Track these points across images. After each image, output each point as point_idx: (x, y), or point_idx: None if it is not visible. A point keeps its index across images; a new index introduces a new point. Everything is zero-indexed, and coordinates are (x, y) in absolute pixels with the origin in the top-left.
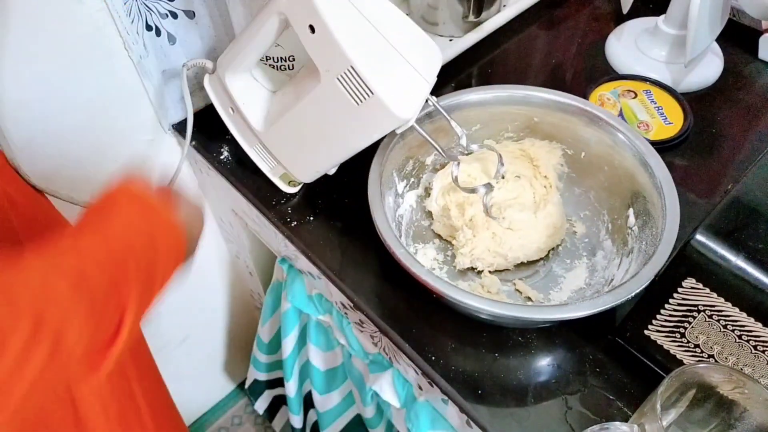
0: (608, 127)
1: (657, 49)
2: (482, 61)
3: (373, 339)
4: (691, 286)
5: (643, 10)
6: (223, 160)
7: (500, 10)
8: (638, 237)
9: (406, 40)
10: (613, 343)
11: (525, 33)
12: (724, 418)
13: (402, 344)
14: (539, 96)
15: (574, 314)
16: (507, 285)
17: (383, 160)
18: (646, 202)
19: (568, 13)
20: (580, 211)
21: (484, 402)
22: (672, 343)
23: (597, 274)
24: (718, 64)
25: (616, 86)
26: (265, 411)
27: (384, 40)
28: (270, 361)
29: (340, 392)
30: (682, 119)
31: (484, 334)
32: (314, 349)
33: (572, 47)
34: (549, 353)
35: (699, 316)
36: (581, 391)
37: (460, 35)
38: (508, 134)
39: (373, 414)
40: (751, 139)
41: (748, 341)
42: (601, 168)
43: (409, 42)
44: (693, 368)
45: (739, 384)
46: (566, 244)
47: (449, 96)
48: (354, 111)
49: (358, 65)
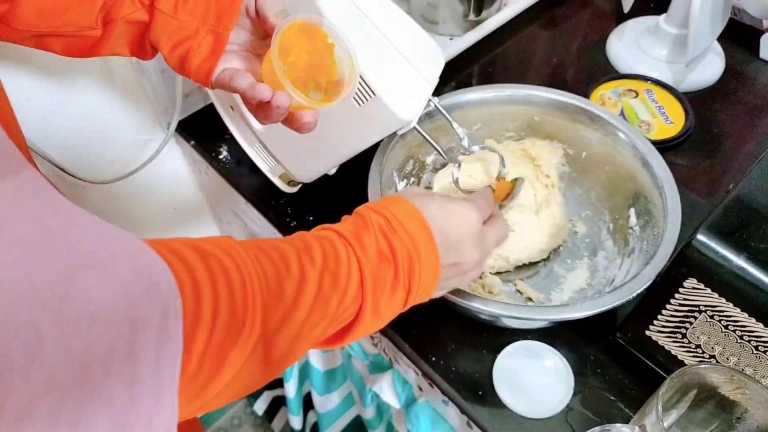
0: (609, 127)
1: (658, 49)
2: (483, 60)
3: (373, 340)
4: (693, 287)
5: (644, 9)
6: (223, 159)
7: (501, 9)
8: (639, 237)
9: (408, 41)
10: (614, 343)
11: (526, 32)
12: (726, 419)
13: (402, 345)
14: (540, 95)
15: (575, 315)
16: (508, 285)
17: (383, 160)
18: (647, 202)
19: (569, 12)
20: (581, 211)
21: (484, 403)
22: (673, 343)
23: (598, 275)
24: (719, 63)
25: (617, 85)
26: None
27: (386, 40)
28: None
29: (339, 393)
30: (683, 119)
31: (484, 335)
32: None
33: (573, 46)
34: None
35: (700, 317)
36: (582, 392)
37: (461, 34)
38: (509, 134)
39: (373, 415)
40: (753, 139)
41: (750, 342)
42: (603, 168)
43: (411, 43)
44: (694, 369)
45: (741, 385)
46: (567, 245)
47: (450, 95)
48: (355, 112)
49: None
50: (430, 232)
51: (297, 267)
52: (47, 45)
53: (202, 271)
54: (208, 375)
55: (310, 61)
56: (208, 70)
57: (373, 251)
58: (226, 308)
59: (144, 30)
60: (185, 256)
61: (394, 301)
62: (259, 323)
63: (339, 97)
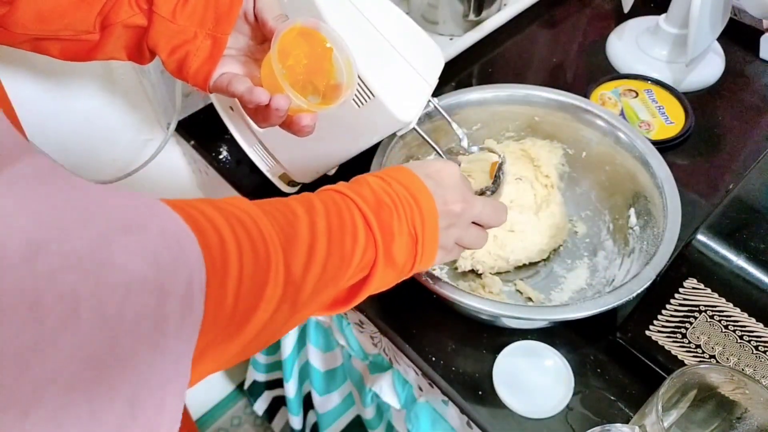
0: (609, 127)
1: (658, 49)
2: (483, 60)
3: (373, 340)
4: (693, 287)
5: (644, 9)
6: (223, 159)
7: (501, 9)
8: (639, 237)
9: (408, 42)
10: (614, 343)
11: (526, 32)
12: (725, 419)
13: (402, 345)
14: (540, 95)
15: (575, 315)
16: (508, 285)
17: (383, 160)
18: (647, 202)
19: (568, 12)
20: (581, 211)
21: (484, 403)
22: (673, 343)
23: (598, 275)
24: (719, 63)
25: (617, 85)
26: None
27: (385, 41)
28: (269, 362)
29: (339, 393)
30: (683, 119)
31: (484, 335)
32: (314, 349)
33: (573, 46)
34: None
35: (700, 317)
36: (582, 392)
37: (461, 34)
38: (509, 134)
39: (373, 415)
40: (753, 139)
41: (750, 342)
42: (603, 168)
43: (410, 44)
44: (694, 369)
45: (740, 384)
46: (567, 245)
47: (450, 95)
48: (355, 113)
49: (360, 68)
50: (420, 180)
51: (303, 212)
52: (44, 49)
53: (222, 223)
54: (242, 318)
55: (308, 65)
56: (206, 74)
57: (371, 199)
58: (250, 255)
59: (142, 34)
60: (204, 210)
61: (403, 246)
62: (282, 266)
63: (337, 101)
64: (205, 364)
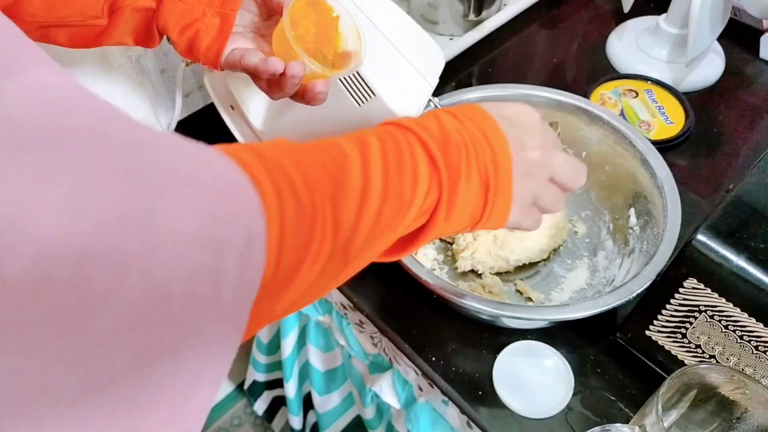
0: (609, 127)
1: (658, 49)
2: (483, 60)
3: (373, 340)
4: (693, 287)
5: (644, 9)
6: None
7: (501, 9)
8: (639, 237)
9: (409, 41)
10: (614, 343)
11: (526, 32)
12: (726, 419)
13: (402, 345)
14: (540, 95)
15: (575, 315)
16: (508, 285)
17: None
18: (647, 202)
19: (568, 11)
20: (581, 211)
21: (484, 403)
22: (673, 343)
23: (598, 275)
24: (720, 63)
25: (617, 85)
26: (264, 412)
27: (386, 41)
28: (269, 362)
29: (339, 393)
30: (683, 119)
31: (484, 335)
32: (314, 349)
33: (573, 46)
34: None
35: (700, 317)
36: (582, 392)
37: (461, 34)
38: None
39: (373, 415)
40: (753, 139)
41: (750, 342)
42: (603, 168)
43: (411, 43)
44: (694, 369)
45: (741, 384)
46: (567, 245)
47: (450, 95)
48: (355, 112)
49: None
50: (495, 122)
51: (356, 151)
52: (52, 36)
53: (261, 171)
54: (285, 278)
55: (317, 34)
56: (217, 50)
57: (438, 133)
58: (293, 208)
59: (150, 17)
60: (242, 156)
61: (472, 193)
62: (331, 217)
63: (349, 66)
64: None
